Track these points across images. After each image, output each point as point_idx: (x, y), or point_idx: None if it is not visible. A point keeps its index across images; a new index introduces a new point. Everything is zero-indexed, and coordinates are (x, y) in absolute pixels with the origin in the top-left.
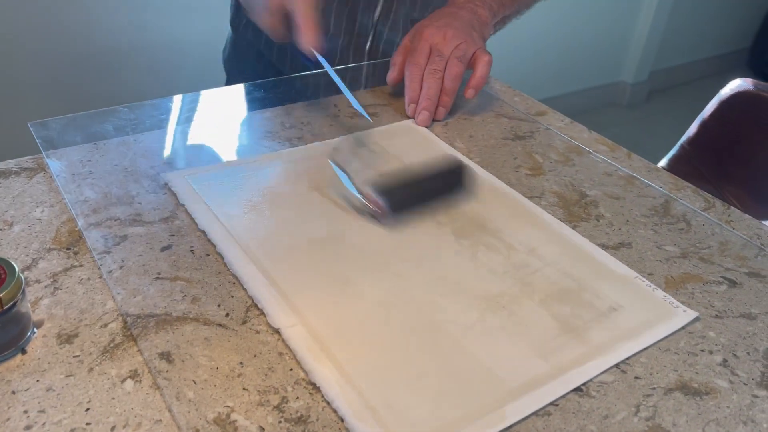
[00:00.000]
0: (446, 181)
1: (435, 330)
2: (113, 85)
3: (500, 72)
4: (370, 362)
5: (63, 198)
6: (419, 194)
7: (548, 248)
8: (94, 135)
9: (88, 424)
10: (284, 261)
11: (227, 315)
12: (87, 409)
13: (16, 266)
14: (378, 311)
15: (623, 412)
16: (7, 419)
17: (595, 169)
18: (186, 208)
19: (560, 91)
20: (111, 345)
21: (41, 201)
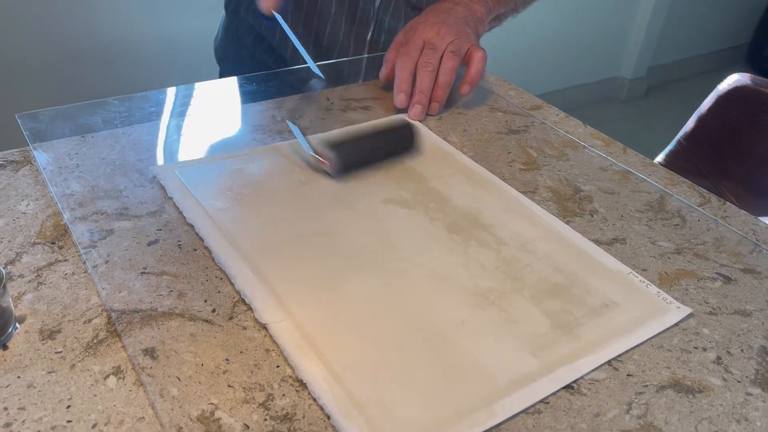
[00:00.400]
0: (394, 139)
1: (425, 326)
2: (105, 79)
3: (498, 67)
4: (359, 358)
5: (49, 191)
6: (367, 150)
7: (541, 244)
8: (83, 127)
9: (69, 422)
10: (273, 256)
11: (214, 310)
12: (68, 407)
13: None
14: (367, 307)
15: (615, 410)
16: None
17: (590, 164)
18: (174, 202)
19: (559, 86)
20: (94, 341)
21: (26, 194)
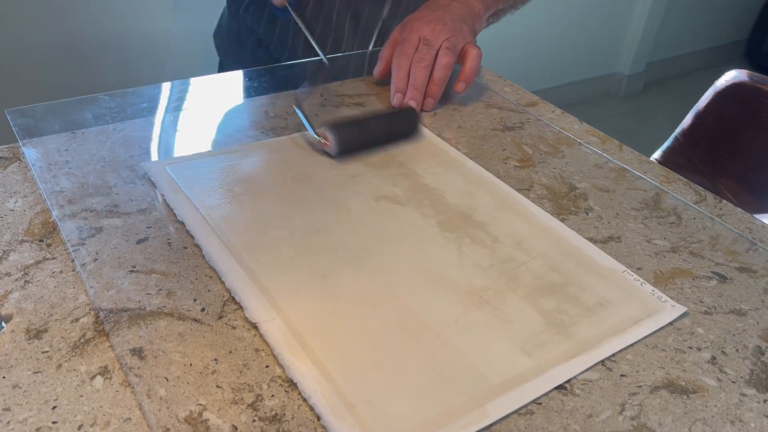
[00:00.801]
0: (395, 122)
1: (417, 325)
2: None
3: (495, 63)
4: (350, 358)
5: (38, 188)
6: (368, 132)
7: (535, 242)
8: (73, 123)
9: (55, 423)
10: (264, 253)
11: (203, 310)
12: (54, 407)
13: None
14: (359, 306)
15: (608, 411)
16: None
17: (586, 161)
18: (164, 199)
19: (556, 82)
20: (81, 340)
21: (15, 191)
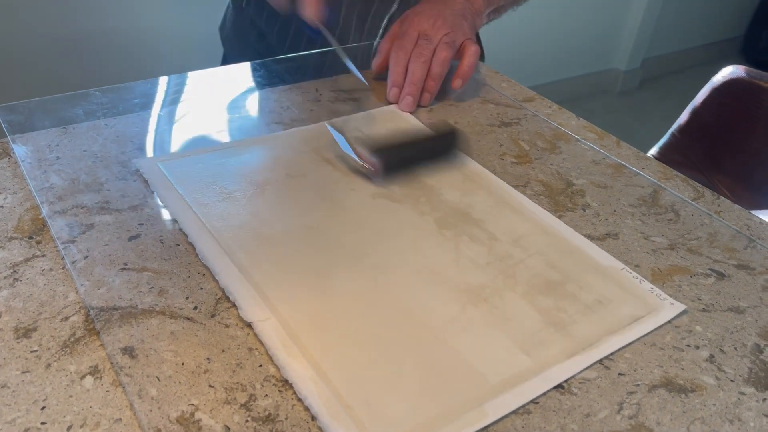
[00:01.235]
0: (438, 144)
1: (415, 324)
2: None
3: (491, 58)
4: (346, 358)
5: (28, 184)
6: (412, 155)
7: (533, 239)
8: (64, 119)
9: (44, 424)
10: (258, 252)
11: (195, 308)
12: (43, 408)
13: None
14: (355, 305)
15: (606, 410)
16: None
17: (583, 158)
18: (157, 196)
19: (553, 78)
20: (71, 339)
21: (4, 188)
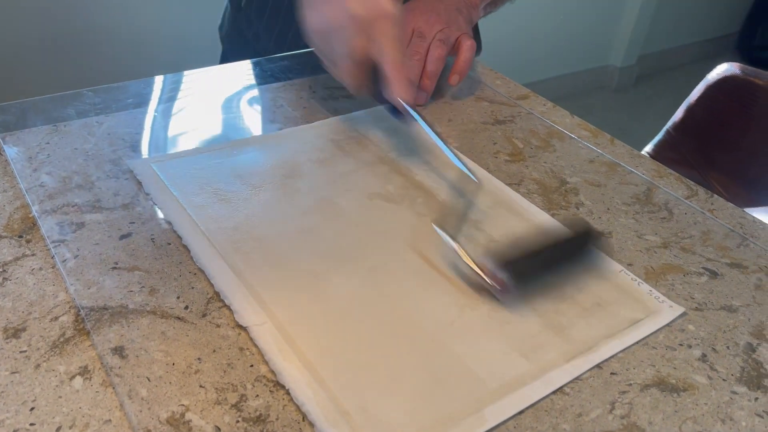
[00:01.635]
0: (573, 248)
1: (412, 327)
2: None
3: (487, 55)
4: (343, 362)
5: (18, 183)
6: (544, 264)
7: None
8: (56, 120)
9: (33, 425)
10: (254, 254)
11: (186, 308)
12: (32, 409)
13: None
14: (352, 308)
15: (598, 410)
16: None
17: (577, 156)
18: (151, 198)
19: (547, 75)
20: (61, 340)
21: None
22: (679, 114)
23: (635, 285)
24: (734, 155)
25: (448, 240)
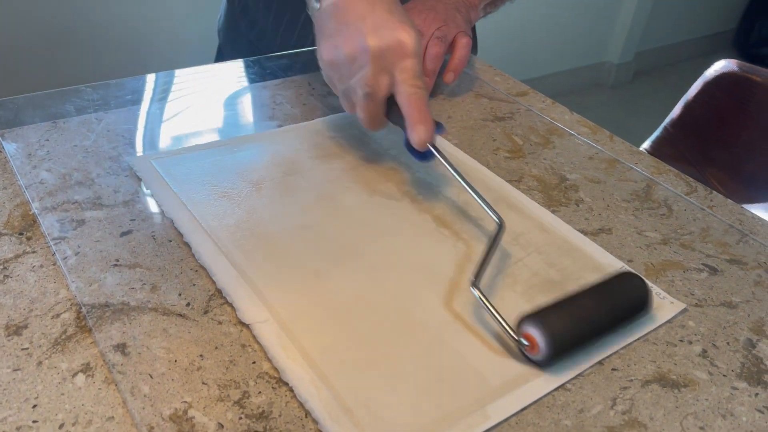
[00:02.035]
0: (619, 300)
1: (414, 325)
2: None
3: (484, 52)
4: (346, 360)
5: (17, 180)
6: (584, 324)
7: (531, 237)
8: (54, 116)
9: (35, 422)
10: (255, 251)
11: (188, 305)
12: (34, 406)
13: None
14: (354, 305)
15: (599, 406)
16: None
17: (576, 152)
18: (151, 194)
19: (545, 72)
20: (62, 337)
21: None
22: (677, 110)
23: None
24: (732, 152)
25: (484, 303)
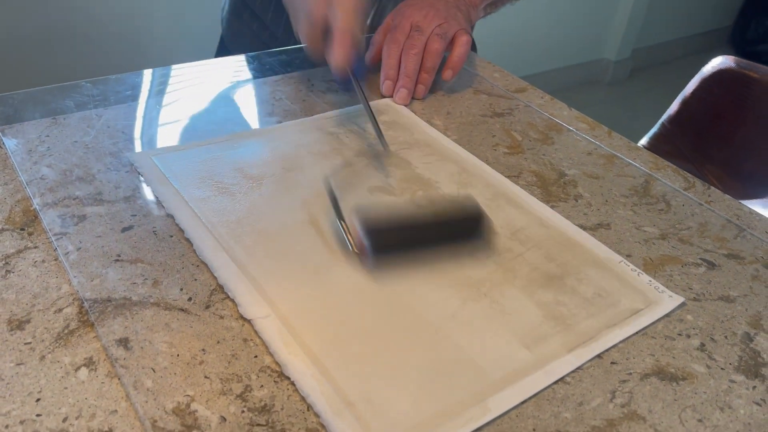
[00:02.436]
0: (455, 230)
1: (415, 319)
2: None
3: (482, 48)
4: (347, 354)
5: (18, 176)
6: (414, 241)
7: (530, 232)
8: (54, 111)
9: (39, 416)
10: (256, 247)
11: (190, 299)
12: (38, 400)
13: None
14: (355, 300)
15: (598, 399)
16: None
17: (575, 148)
18: (152, 191)
19: (543, 68)
20: (65, 331)
21: None
22: (675, 107)
23: (635, 275)
24: (729, 148)
25: (330, 196)
